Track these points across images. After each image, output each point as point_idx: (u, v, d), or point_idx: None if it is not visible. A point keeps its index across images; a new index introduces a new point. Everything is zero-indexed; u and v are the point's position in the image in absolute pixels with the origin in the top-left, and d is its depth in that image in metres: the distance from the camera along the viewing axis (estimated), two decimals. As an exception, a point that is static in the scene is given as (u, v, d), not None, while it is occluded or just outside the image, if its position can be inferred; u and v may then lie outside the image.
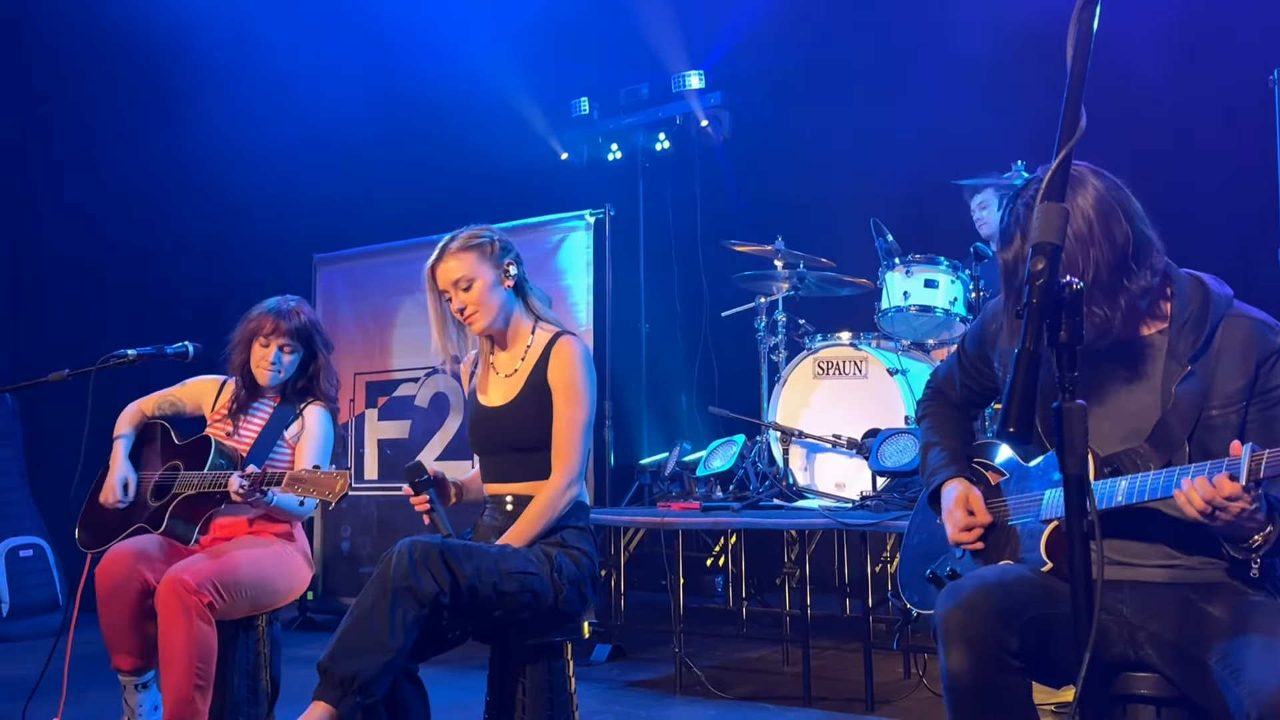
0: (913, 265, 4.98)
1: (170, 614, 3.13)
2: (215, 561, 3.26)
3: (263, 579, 3.37)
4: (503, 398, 2.97)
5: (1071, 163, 1.61)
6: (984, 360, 2.47)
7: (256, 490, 3.20)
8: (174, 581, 3.14)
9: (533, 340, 3.00)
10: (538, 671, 2.79)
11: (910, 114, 6.68)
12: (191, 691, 3.11)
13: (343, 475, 3.03)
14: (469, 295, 2.93)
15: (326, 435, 3.60)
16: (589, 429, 2.92)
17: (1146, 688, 2.12)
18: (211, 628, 3.18)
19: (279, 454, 3.55)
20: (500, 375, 3.01)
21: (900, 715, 4.20)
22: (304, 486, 3.08)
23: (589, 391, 2.92)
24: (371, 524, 6.46)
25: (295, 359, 3.62)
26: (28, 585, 6.35)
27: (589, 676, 4.95)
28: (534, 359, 2.96)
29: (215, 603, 3.18)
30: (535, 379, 2.93)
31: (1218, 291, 2.20)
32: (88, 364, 3.49)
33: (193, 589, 3.13)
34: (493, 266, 2.95)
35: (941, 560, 2.45)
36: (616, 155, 8.14)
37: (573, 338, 2.98)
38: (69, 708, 3.35)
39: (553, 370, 2.91)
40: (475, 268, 2.93)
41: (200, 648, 3.14)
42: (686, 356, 7.84)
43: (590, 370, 2.94)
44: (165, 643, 3.13)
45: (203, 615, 3.15)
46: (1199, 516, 1.96)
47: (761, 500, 4.86)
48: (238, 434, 3.60)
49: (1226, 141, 5.62)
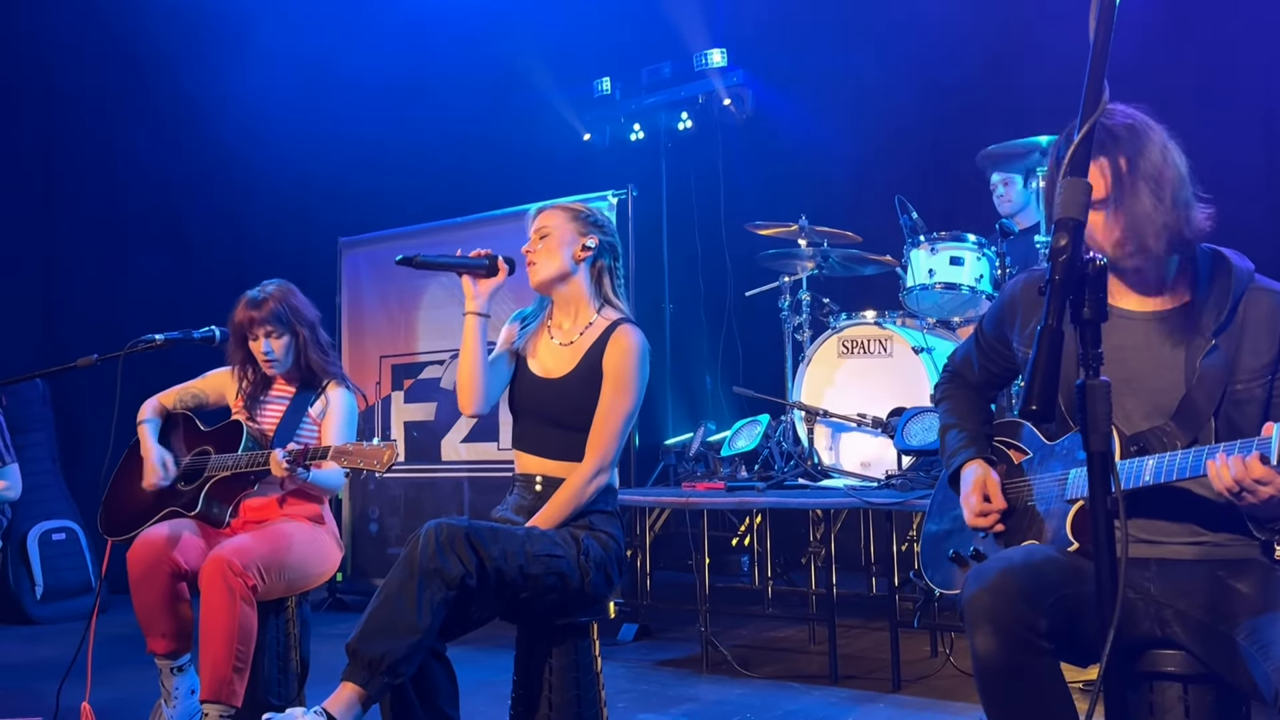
0: (938, 242, 4.94)
1: (215, 594, 3.15)
2: (259, 543, 3.29)
3: (302, 561, 3.40)
4: (555, 370, 2.96)
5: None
6: (1002, 341, 2.46)
7: (300, 465, 3.23)
8: (220, 562, 3.17)
9: (595, 319, 2.98)
10: (564, 651, 2.81)
11: (934, 89, 6.63)
12: (230, 672, 3.14)
13: (389, 446, 3.04)
14: (541, 245, 2.97)
15: (351, 412, 3.64)
16: (630, 421, 2.90)
17: (1173, 665, 2.11)
18: (253, 609, 3.21)
19: (306, 430, 3.58)
20: (555, 343, 3.00)
21: (927, 694, 4.20)
22: (350, 458, 3.09)
23: (639, 384, 2.90)
24: (399, 506, 6.50)
25: (285, 343, 3.64)
26: (61, 568, 6.44)
27: (615, 656, 4.97)
28: (593, 338, 2.94)
29: (259, 585, 3.21)
30: (591, 359, 2.91)
31: (1239, 265, 2.18)
32: (117, 349, 3.52)
33: (239, 570, 3.16)
34: (575, 231, 2.97)
35: (965, 540, 2.44)
36: (639, 135, 8.10)
37: (634, 328, 2.95)
38: (102, 689, 3.39)
39: (609, 355, 2.89)
40: (559, 224, 2.98)
41: (242, 630, 3.16)
42: (711, 336, 7.83)
43: (644, 363, 2.92)
44: (207, 623, 3.16)
45: (246, 597, 3.18)
46: (1226, 494, 1.95)
47: (786, 480, 4.85)
48: (258, 420, 3.63)
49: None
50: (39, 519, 6.46)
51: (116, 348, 3.52)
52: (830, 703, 4.12)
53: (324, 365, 3.67)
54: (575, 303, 3.01)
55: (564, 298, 3.02)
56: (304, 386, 3.66)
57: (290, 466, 3.23)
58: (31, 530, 6.38)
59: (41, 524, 6.45)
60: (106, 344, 3.63)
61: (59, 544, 6.50)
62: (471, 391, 2.95)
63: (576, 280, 3.00)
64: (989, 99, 6.37)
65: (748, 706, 4.08)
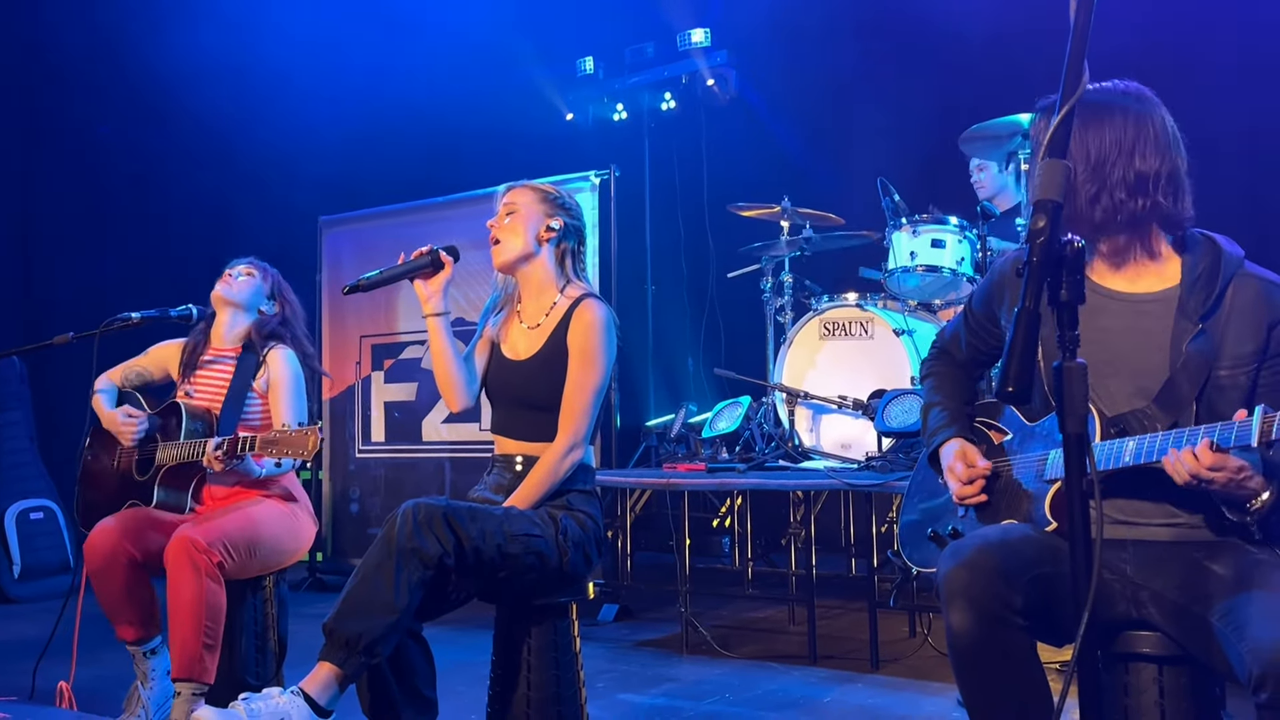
0: (920, 225, 4.94)
1: (180, 572, 3.14)
2: (226, 521, 3.28)
3: (272, 539, 3.39)
4: (524, 351, 2.96)
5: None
6: (991, 319, 2.46)
7: (233, 459, 3.22)
8: (184, 540, 3.15)
9: (559, 299, 2.97)
10: (543, 631, 2.80)
11: (918, 72, 6.62)
12: (200, 649, 3.13)
13: (313, 431, 3.05)
14: (507, 222, 2.96)
15: (296, 378, 3.57)
16: (600, 394, 2.89)
17: (1148, 646, 2.12)
18: (220, 586, 3.19)
19: (252, 407, 3.53)
20: (524, 326, 2.99)
21: (905, 674, 4.22)
22: (277, 448, 3.10)
23: (605, 357, 2.88)
24: (380, 486, 6.49)
25: (255, 283, 3.62)
26: (39, 547, 6.41)
27: (596, 636, 4.98)
28: (558, 317, 2.93)
29: (225, 562, 3.19)
30: (556, 338, 2.91)
31: (1229, 251, 2.19)
32: (94, 327, 3.50)
33: (203, 548, 3.15)
34: (542, 212, 2.97)
35: (943, 519, 2.45)
36: (622, 115, 8.07)
37: (597, 301, 2.93)
38: (80, 668, 3.38)
39: (573, 331, 2.88)
40: (526, 203, 2.97)
41: (209, 607, 3.15)
42: (693, 318, 7.82)
43: (610, 337, 2.91)
44: (174, 601, 3.15)
45: (212, 574, 3.16)
46: (1190, 485, 1.98)
47: (767, 461, 4.86)
48: (196, 391, 3.57)
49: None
50: (16, 498, 6.43)
51: (94, 326, 3.50)
52: (809, 682, 4.14)
53: (297, 332, 3.64)
54: (539, 283, 2.99)
55: (527, 278, 3.00)
56: (249, 350, 3.59)
57: (225, 461, 3.22)
58: (9, 509, 6.35)
59: (19, 503, 6.42)
60: (84, 322, 3.62)
61: (37, 523, 6.47)
62: (453, 390, 2.97)
63: (540, 260, 2.98)
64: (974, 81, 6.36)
65: (727, 686, 4.10)
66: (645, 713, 3.76)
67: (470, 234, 4.11)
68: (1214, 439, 1.95)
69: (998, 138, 4.84)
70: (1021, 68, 5.89)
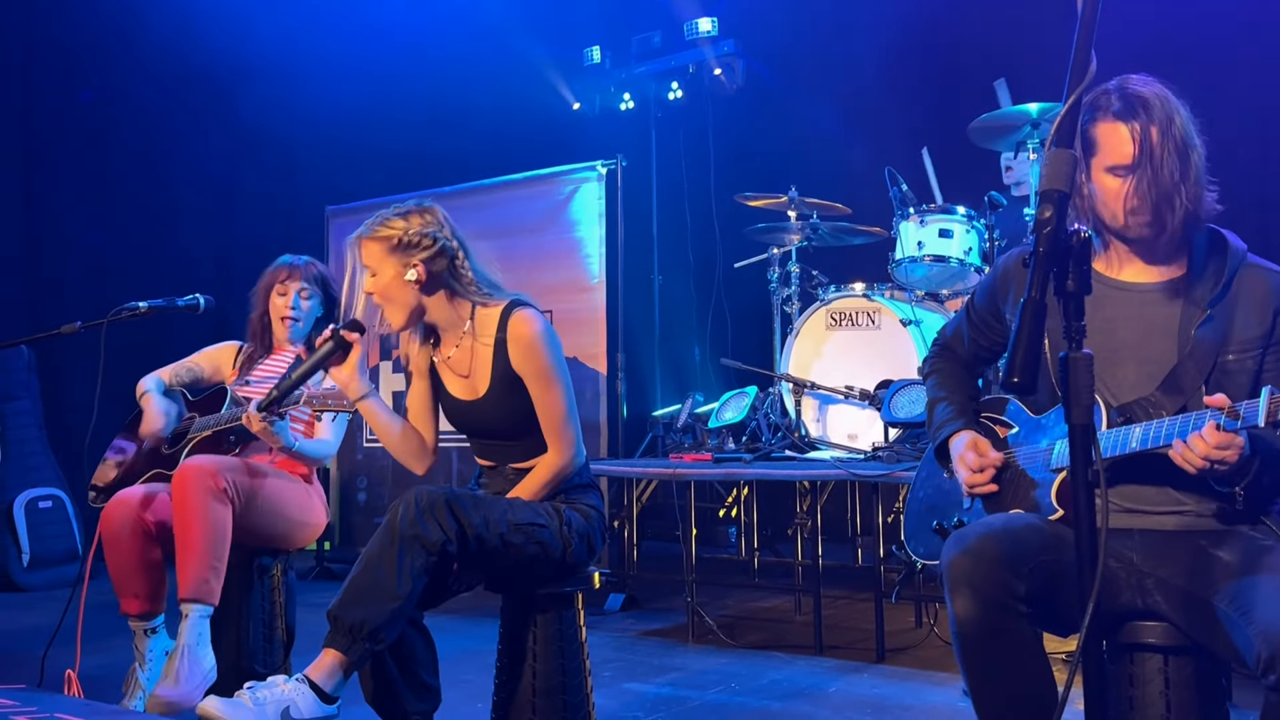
0: (927, 215, 4.93)
1: (187, 493, 3.15)
2: (237, 464, 3.30)
3: (280, 503, 3.39)
4: (473, 392, 2.86)
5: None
6: (995, 315, 2.46)
7: (273, 411, 3.19)
8: (192, 465, 3.19)
9: (471, 324, 2.83)
10: (549, 620, 2.81)
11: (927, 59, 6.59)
12: (208, 571, 3.14)
13: None
14: (375, 284, 2.78)
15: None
16: (571, 398, 2.82)
17: (1154, 636, 2.12)
18: (226, 509, 3.18)
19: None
20: (457, 375, 2.88)
21: (910, 664, 4.22)
22: (322, 401, 3.07)
23: (559, 367, 2.80)
24: (387, 475, 6.51)
25: (314, 304, 3.67)
26: (47, 535, 6.43)
27: (602, 626, 4.99)
28: (490, 342, 2.79)
29: (230, 490, 3.20)
30: (501, 367, 2.79)
31: (1235, 244, 2.23)
32: (102, 316, 3.50)
33: (210, 471, 3.17)
34: (398, 264, 2.74)
35: (949, 513, 2.45)
36: (629, 105, 8.05)
37: (525, 311, 2.79)
38: (87, 656, 3.39)
39: (516, 359, 2.77)
40: (378, 262, 2.77)
41: (216, 527, 3.15)
42: (699, 308, 7.81)
43: (554, 343, 2.80)
44: (181, 522, 3.15)
45: (218, 495, 3.16)
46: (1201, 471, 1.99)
47: (773, 451, 4.86)
48: (251, 386, 3.62)
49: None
50: (25, 487, 6.44)
51: (102, 315, 3.50)
52: (815, 672, 4.14)
53: None
54: (447, 320, 2.85)
55: (435, 320, 2.86)
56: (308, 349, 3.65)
57: (265, 416, 3.20)
58: (18, 498, 6.36)
59: (28, 491, 6.43)
60: (92, 311, 3.61)
61: (45, 511, 6.48)
62: (411, 459, 2.97)
63: (434, 301, 2.81)
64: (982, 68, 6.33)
65: (733, 676, 4.10)
66: (651, 702, 3.77)
67: (477, 224, 4.13)
68: (1220, 421, 1.95)
69: (1006, 127, 4.82)
70: (1029, 57, 5.87)
